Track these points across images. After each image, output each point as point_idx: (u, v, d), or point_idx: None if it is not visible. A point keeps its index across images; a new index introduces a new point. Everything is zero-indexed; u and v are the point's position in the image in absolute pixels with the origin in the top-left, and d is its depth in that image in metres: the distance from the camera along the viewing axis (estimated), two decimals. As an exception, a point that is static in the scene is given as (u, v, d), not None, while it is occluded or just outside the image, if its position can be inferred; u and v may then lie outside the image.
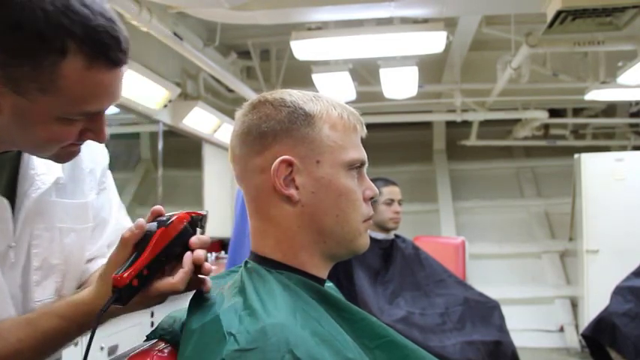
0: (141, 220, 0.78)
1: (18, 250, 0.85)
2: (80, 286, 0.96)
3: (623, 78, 3.56)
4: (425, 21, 2.94)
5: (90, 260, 0.98)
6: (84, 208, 0.96)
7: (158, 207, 0.81)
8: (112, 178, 1.05)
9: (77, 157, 0.87)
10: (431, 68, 4.49)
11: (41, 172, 0.86)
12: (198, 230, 0.81)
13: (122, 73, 0.77)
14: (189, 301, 0.82)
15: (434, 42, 3.07)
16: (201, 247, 0.79)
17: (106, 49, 0.71)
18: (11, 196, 0.84)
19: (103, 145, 0.96)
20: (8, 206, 0.83)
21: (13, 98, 0.70)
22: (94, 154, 0.97)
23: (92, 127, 0.78)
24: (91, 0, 0.70)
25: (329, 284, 0.91)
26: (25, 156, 0.85)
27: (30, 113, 0.71)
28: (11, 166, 0.85)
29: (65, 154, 0.80)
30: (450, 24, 3.40)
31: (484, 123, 5.52)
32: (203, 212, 0.83)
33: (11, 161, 0.85)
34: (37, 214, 0.87)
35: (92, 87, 0.72)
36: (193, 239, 0.79)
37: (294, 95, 0.85)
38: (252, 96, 0.98)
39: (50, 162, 0.84)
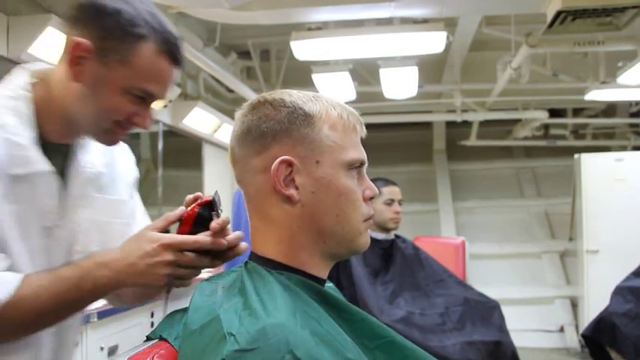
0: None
1: (63, 231, 1.00)
2: None
3: (623, 78, 3.56)
4: (425, 21, 2.94)
5: None
6: (121, 205, 1.12)
7: (198, 194, 0.92)
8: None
9: (114, 162, 1.09)
10: (431, 68, 4.49)
11: (87, 166, 1.03)
12: (214, 214, 0.90)
13: (174, 77, 0.98)
14: (189, 301, 0.83)
15: (434, 42, 3.07)
16: (221, 228, 0.89)
17: (173, 47, 0.94)
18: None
19: (133, 161, 1.17)
20: (57, 184, 0.98)
21: (97, 67, 0.91)
22: (127, 162, 1.15)
23: (141, 111, 0.95)
24: (166, 19, 0.96)
25: (329, 284, 0.91)
26: (76, 150, 1.02)
27: (104, 81, 0.91)
28: (64, 158, 1.01)
29: (111, 136, 0.97)
30: (449, 24, 3.40)
31: (484, 123, 5.52)
32: (209, 198, 0.90)
33: (65, 154, 1.01)
34: (80, 206, 1.02)
35: (155, 70, 0.93)
36: (213, 225, 0.88)
37: (293, 95, 0.85)
38: (252, 96, 1.01)
39: (94, 159, 1.04)
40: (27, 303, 0.85)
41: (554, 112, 5.41)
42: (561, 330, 4.99)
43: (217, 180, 4.64)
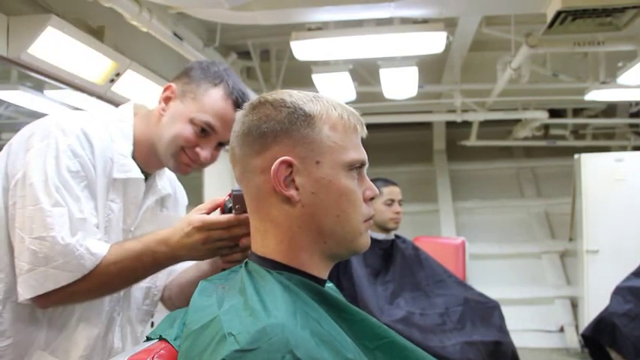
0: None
1: (135, 236, 1.18)
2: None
3: (623, 78, 3.56)
4: (425, 21, 2.94)
5: None
6: (175, 219, 1.31)
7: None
8: None
9: (176, 189, 1.34)
10: (431, 68, 4.48)
11: (160, 187, 1.27)
12: (231, 206, 1.01)
13: (234, 120, 1.13)
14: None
15: (434, 42, 3.07)
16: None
17: (238, 96, 1.16)
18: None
19: (185, 196, 1.40)
20: (143, 191, 1.20)
21: (177, 104, 1.17)
22: (183, 192, 1.39)
23: (203, 144, 1.16)
24: (240, 81, 1.21)
25: (329, 284, 0.91)
26: (156, 178, 1.26)
27: (179, 113, 1.16)
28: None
29: (180, 163, 1.17)
30: (449, 24, 3.39)
31: (484, 123, 5.51)
32: (225, 197, 1.05)
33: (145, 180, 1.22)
34: (149, 222, 1.23)
35: (218, 108, 1.15)
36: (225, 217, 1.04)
37: (294, 96, 0.85)
38: (252, 97, 1.08)
39: (165, 185, 1.28)
40: (114, 262, 1.03)
41: (554, 113, 5.41)
42: (561, 330, 4.98)
43: (217, 180, 4.64)
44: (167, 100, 1.19)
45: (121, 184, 1.15)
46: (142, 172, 1.20)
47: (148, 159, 1.20)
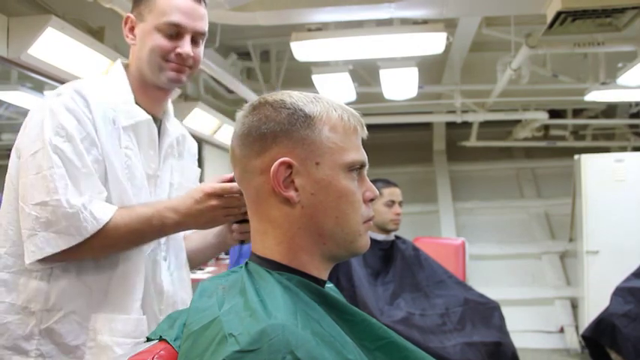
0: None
1: (162, 181, 1.25)
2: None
3: (622, 79, 3.56)
4: (425, 22, 2.94)
5: None
6: (191, 170, 1.39)
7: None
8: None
9: (185, 135, 1.36)
10: (431, 69, 4.48)
11: (172, 130, 1.29)
12: None
13: (199, 10, 1.20)
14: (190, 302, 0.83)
15: (434, 43, 3.07)
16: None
17: None
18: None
19: (196, 144, 1.44)
20: (156, 133, 1.23)
21: (139, 26, 1.19)
22: (191, 138, 1.41)
23: (180, 44, 1.17)
24: None
25: (329, 285, 0.91)
26: (165, 122, 1.28)
27: (144, 31, 1.18)
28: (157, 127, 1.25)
29: (170, 74, 1.18)
30: (449, 25, 3.39)
31: (484, 124, 5.52)
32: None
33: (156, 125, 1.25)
34: (175, 169, 1.30)
35: (173, 5, 1.17)
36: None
37: (294, 97, 0.85)
38: (252, 97, 1.09)
39: (175, 128, 1.31)
40: (117, 227, 1.06)
41: (554, 113, 5.41)
42: (561, 331, 4.98)
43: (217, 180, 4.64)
44: (131, 30, 1.21)
45: (131, 130, 1.17)
46: (152, 117, 1.23)
47: (148, 98, 1.22)
